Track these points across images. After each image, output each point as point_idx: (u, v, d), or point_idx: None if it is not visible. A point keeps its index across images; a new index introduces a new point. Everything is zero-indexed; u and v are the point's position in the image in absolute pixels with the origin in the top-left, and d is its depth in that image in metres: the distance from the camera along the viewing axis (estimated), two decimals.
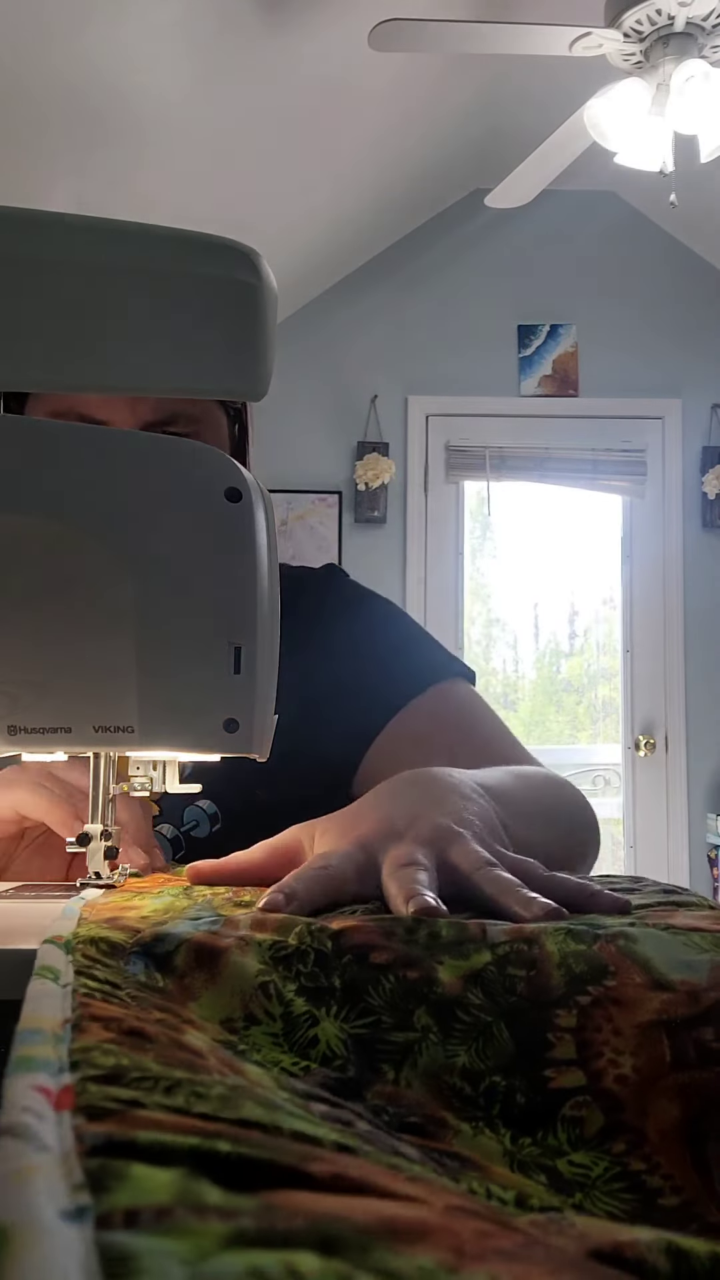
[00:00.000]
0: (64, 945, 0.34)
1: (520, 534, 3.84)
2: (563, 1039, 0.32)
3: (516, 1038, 0.32)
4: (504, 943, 0.36)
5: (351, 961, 0.35)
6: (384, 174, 3.17)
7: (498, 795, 0.57)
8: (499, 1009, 0.33)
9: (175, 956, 0.35)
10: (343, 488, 3.56)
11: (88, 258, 0.46)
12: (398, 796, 0.53)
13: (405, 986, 0.34)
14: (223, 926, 0.38)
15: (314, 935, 0.36)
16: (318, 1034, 0.32)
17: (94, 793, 0.53)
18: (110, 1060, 0.23)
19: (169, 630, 0.48)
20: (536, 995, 0.33)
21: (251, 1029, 0.32)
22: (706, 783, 3.53)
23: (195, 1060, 0.26)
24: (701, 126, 2.12)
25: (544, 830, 0.63)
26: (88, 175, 2.42)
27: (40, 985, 0.29)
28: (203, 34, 2.25)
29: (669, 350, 3.62)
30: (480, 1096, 0.31)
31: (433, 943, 0.36)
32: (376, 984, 0.34)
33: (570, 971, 0.34)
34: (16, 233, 0.45)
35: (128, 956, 0.35)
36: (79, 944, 0.35)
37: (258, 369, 0.47)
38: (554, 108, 2.46)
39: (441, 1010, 0.33)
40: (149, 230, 0.48)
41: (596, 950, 0.35)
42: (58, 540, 0.47)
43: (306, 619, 0.89)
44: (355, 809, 0.54)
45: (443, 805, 0.51)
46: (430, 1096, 0.31)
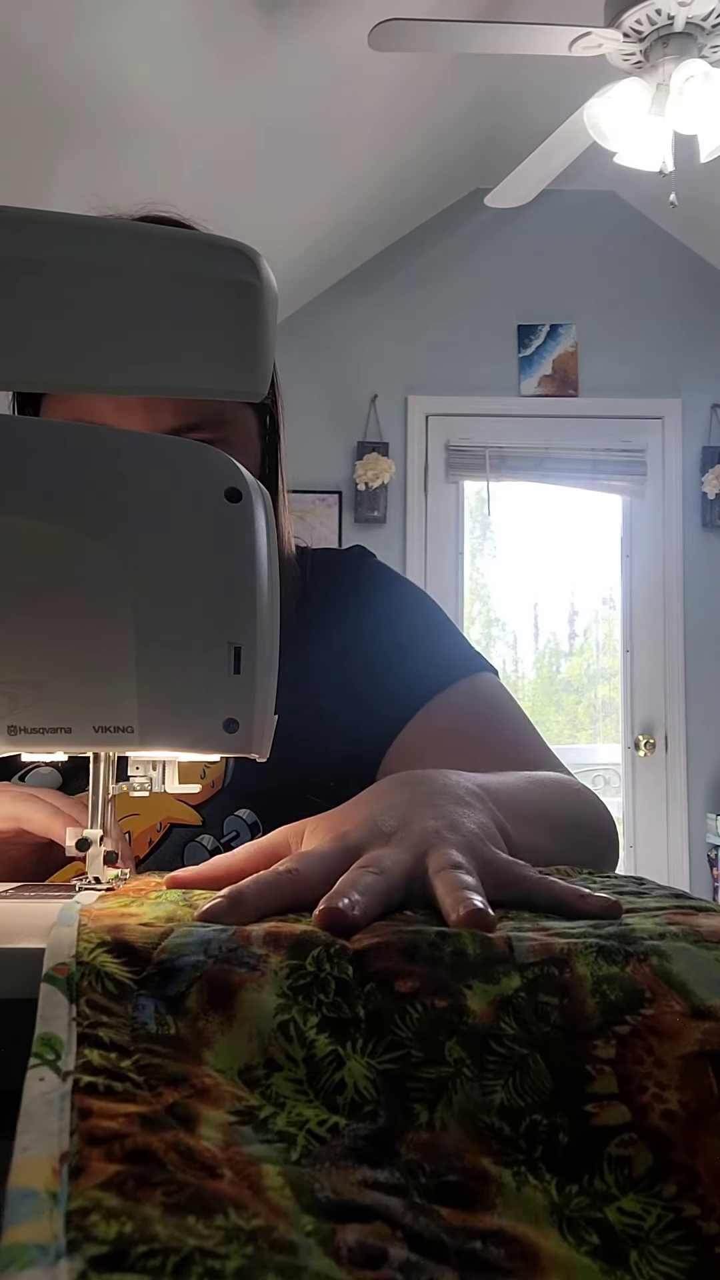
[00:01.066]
0: (66, 982, 0.32)
1: (520, 534, 3.84)
2: (603, 1072, 0.31)
3: (554, 1070, 0.31)
4: (533, 964, 0.34)
5: (375, 990, 0.33)
6: (384, 174, 3.17)
7: (500, 798, 0.55)
8: (534, 1039, 0.32)
9: (187, 998, 0.33)
10: (342, 487, 3.56)
11: (88, 258, 0.46)
12: (387, 797, 0.51)
13: (434, 1016, 0.32)
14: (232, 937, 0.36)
15: (333, 960, 0.34)
16: (344, 1077, 0.31)
17: (94, 794, 0.53)
18: (113, 1229, 0.21)
19: (169, 630, 0.48)
20: (572, 1024, 0.32)
21: (273, 1076, 0.31)
22: (706, 783, 3.53)
23: (208, 1188, 0.24)
24: (701, 126, 2.12)
25: (550, 836, 0.60)
26: (88, 175, 2.42)
27: (39, 1081, 0.27)
28: (203, 34, 2.25)
29: (669, 350, 3.63)
30: (521, 1138, 0.29)
31: (459, 962, 0.34)
32: (404, 1014, 0.32)
33: (605, 999, 0.33)
34: (16, 233, 0.45)
35: (135, 1000, 0.32)
36: (84, 980, 0.33)
37: (257, 369, 0.47)
38: (554, 108, 2.46)
39: (474, 1042, 0.32)
40: (149, 230, 0.48)
41: (630, 974, 0.33)
42: (58, 540, 0.47)
43: (337, 599, 0.89)
44: (344, 808, 0.52)
45: (433, 808, 0.49)
46: (468, 1140, 0.29)
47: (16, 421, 0.51)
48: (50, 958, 0.34)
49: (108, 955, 0.34)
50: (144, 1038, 0.31)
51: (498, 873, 0.45)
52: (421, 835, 0.46)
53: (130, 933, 0.37)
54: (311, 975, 0.34)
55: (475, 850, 0.45)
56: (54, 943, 0.35)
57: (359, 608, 0.88)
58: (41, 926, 0.38)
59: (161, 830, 0.80)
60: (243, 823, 0.80)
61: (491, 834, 0.50)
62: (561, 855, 0.61)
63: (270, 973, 0.34)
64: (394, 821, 0.47)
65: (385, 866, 0.42)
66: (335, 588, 0.89)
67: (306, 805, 0.66)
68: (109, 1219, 0.22)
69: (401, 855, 0.44)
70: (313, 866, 0.44)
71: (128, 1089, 0.28)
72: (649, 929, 0.37)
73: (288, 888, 0.42)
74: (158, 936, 0.36)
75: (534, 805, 0.62)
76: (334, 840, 0.47)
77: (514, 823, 0.54)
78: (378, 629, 0.87)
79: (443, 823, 0.47)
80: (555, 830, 0.62)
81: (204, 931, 0.37)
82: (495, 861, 0.45)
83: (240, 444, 0.81)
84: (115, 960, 0.34)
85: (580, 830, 0.69)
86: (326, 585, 0.89)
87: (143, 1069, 0.29)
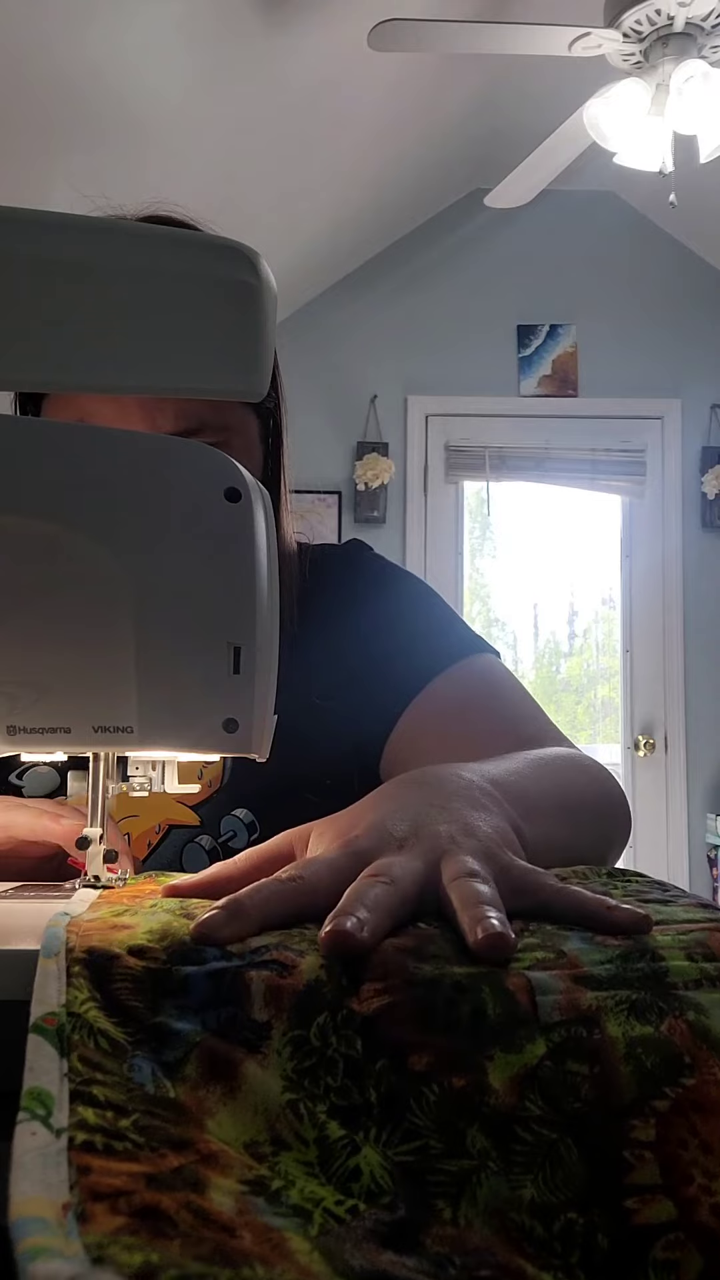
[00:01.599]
0: (56, 1034, 0.30)
1: (520, 534, 3.84)
2: (642, 1159, 0.27)
3: (588, 1158, 0.28)
4: (559, 1024, 0.31)
5: (388, 1068, 0.30)
6: (384, 174, 3.17)
7: (512, 791, 0.53)
8: (564, 1121, 0.28)
9: (185, 1065, 0.30)
10: (342, 488, 3.56)
11: (87, 258, 0.46)
12: (399, 799, 0.49)
13: (453, 1098, 0.29)
14: (231, 985, 0.33)
15: (340, 1032, 0.31)
16: (359, 1164, 0.28)
17: (93, 793, 0.53)
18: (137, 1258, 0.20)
19: (168, 630, 0.48)
20: (605, 1099, 0.29)
21: (281, 1155, 0.28)
22: (706, 783, 3.53)
23: (230, 1245, 0.22)
24: (701, 126, 2.12)
25: (565, 824, 0.58)
26: (88, 175, 2.42)
27: (30, 1135, 0.25)
28: (203, 34, 2.25)
29: (668, 350, 3.63)
30: (556, 1240, 0.26)
31: (478, 1026, 0.31)
32: (419, 1097, 0.29)
33: (640, 1066, 0.29)
34: (17, 233, 0.45)
35: (131, 1060, 0.30)
36: (75, 1033, 0.30)
37: (257, 369, 0.47)
38: (553, 108, 2.46)
39: (497, 1128, 0.28)
40: (149, 230, 0.48)
41: (665, 1034, 0.30)
42: (58, 540, 0.47)
43: (336, 597, 0.88)
44: (352, 811, 0.49)
45: (447, 811, 0.47)
46: (498, 1239, 0.26)
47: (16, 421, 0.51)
48: (38, 1005, 0.31)
49: (99, 1011, 0.31)
50: (142, 1098, 0.28)
51: (515, 880, 0.42)
52: (434, 841, 0.43)
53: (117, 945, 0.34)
54: (318, 1053, 0.31)
55: (491, 856, 0.43)
56: (41, 985, 0.32)
57: (355, 605, 0.88)
58: (40, 927, 0.38)
59: (160, 832, 0.80)
60: (240, 823, 0.80)
61: (508, 837, 0.47)
62: (579, 841, 0.59)
63: (273, 1053, 0.31)
64: (405, 826, 0.45)
65: (396, 876, 0.40)
66: (331, 585, 0.88)
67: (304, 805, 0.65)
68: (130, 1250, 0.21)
69: (413, 863, 0.41)
70: (318, 874, 0.41)
71: (128, 1148, 0.26)
72: (683, 970, 0.33)
73: (291, 897, 0.40)
74: (151, 987, 0.33)
75: (547, 794, 0.59)
76: (342, 846, 0.44)
77: (529, 817, 0.52)
78: (374, 625, 0.86)
79: (456, 827, 0.45)
80: (570, 816, 0.60)
81: (200, 981, 0.33)
82: (513, 869, 0.43)
83: (242, 447, 0.80)
84: (108, 1018, 0.31)
85: (595, 812, 0.66)
86: (323, 583, 0.88)
87: (142, 1129, 0.27)
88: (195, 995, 0.33)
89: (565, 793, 0.62)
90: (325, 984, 0.33)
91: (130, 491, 0.48)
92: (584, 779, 0.68)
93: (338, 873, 0.41)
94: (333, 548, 0.95)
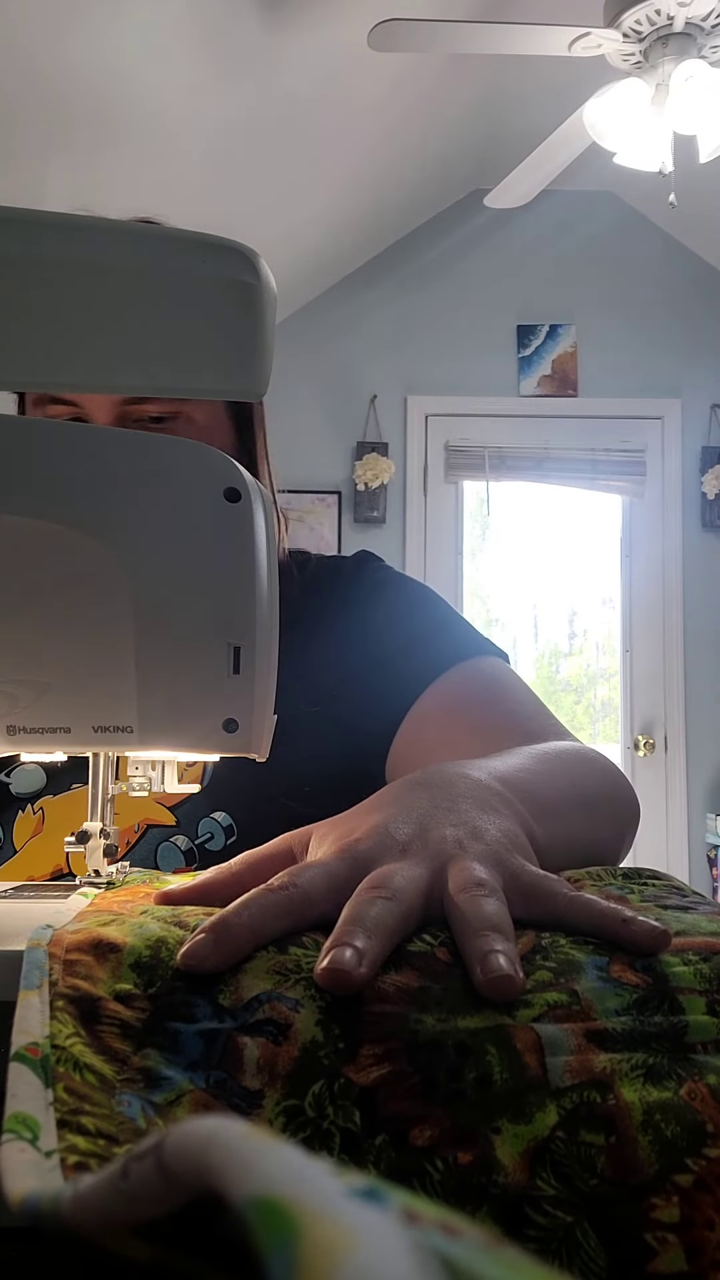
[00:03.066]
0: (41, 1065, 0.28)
1: (519, 534, 3.84)
2: (666, 1242, 0.25)
3: (607, 1242, 0.25)
4: (570, 1089, 0.28)
5: (387, 1144, 0.28)
6: (383, 174, 3.18)
7: (522, 789, 0.51)
8: (579, 1201, 0.26)
9: (176, 1108, 0.29)
10: (342, 488, 3.56)
11: (86, 258, 0.46)
12: (403, 800, 0.46)
13: (459, 1177, 0.27)
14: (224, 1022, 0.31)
15: (337, 1103, 0.29)
16: None
17: (93, 792, 0.53)
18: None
19: (168, 630, 0.48)
20: (623, 1175, 0.26)
21: None
22: (706, 783, 3.53)
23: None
24: (700, 126, 2.12)
25: (577, 821, 0.56)
26: (86, 175, 2.42)
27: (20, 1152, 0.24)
28: (202, 33, 2.25)
29: (668, 350, 3.63)
30: None
31: (484, 1095, 0.28)
32: (423, 1175, 0.27)
33: (659, 1135, 0.27)
34: (15, 232, 0.45)
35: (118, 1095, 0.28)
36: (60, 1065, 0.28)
37: (256, 369, 0.47)
38: (553, 108, 2.46)
39: (508, 1210, 0.26)
40: (148, 230, 0.48)
41: (684, 1099, 0.28)
42: (57, 540, 0.47)
43: (339, 604, 0.88)
44: (355, 812, 0.47)
45: (453, 813, 0.44)
46: None
47: (16, 421, 0.51)
48: (20, 1034, 0.29)
49: (85, 1047, 0.30)
50: (134, 1131, 0.27)
51: (526, 888, 0.40)
52: (440, 846, 0.41)
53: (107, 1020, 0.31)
54: (313, 1124, 0.28)
55: (501, 862, 0.41)
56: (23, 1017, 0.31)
57: (353, 610, 0.88)
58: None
59: (139, 831, 0.80)
60: (217, 825, 0.80)
61: (518, 841, 0.45)
62: (591, 838, 0.57)
63: (265, 1122, 0.29)
64: (409, 829, 0.42)
65: (397, 888, 0.37)
66: (330, 594, 0.88)
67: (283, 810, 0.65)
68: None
69: (417, 870, 0.39)
70: (314, 882, 0.38)
71: None
72: (703, 1027, 0.31)
73: (285, 907, 0.37)
74: (138, 1035, 0.31)
75: (558, 790, 0.57)
76: (341, 851, 0.41)
77: (541, 816, 0.50)
78: (374, 628, 0.86)
79: (463, 830, 0.43)
80: (582, 812, 0.58)
81: (190, 1041, 0.31)
82: (523, 875, 0.40)
83: (206, 424, 0.81)
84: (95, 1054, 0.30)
85: (606, 806, 0.64)
86: (322, 592, 0.89)
87: None
88: (185, 1055, 0.31)
89: (576, 788, 0.60)
90: (322, 1046, 0.31)
91: (130, 491, 0.48)
92: (593, 773, 0.66)
93: (334, 880, 0.39)
94: (341, 558, 0.95)
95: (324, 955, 0.33)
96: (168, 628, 0.48)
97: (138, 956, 0.35)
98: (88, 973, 0.33)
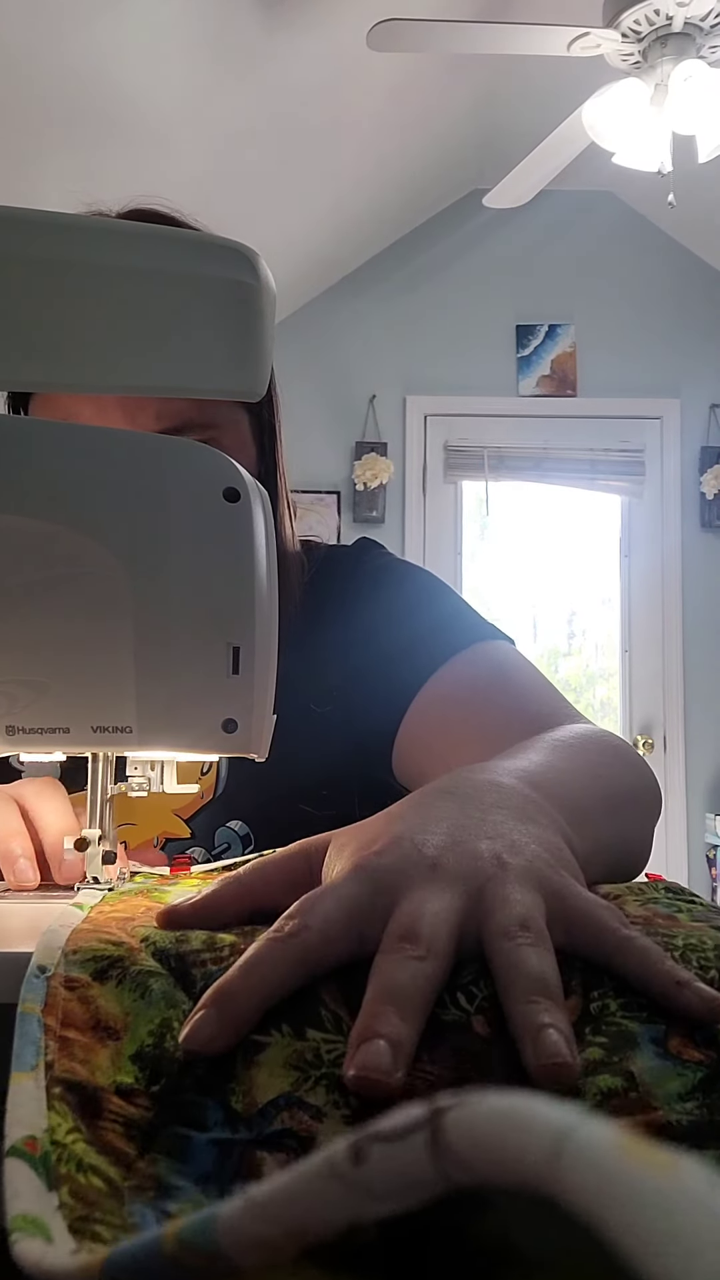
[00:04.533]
0: (42, 1163, 0.25)
1: (519, 534, 3.84)
2: None
3: None
4: None
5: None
6: (383, 174, 3.18)
7: (555, 792, 0.46)
8: None
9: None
10: (341, 488, 3.56)
11: (86, 258, 0.46)
12: (428, 809, 0.41)
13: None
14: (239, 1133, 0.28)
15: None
16: None
17: (92, 794, 0.53)
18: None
19: (167, 630, 0.48)
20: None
21: None
22: (706, 783, 3.53)
23: None
24: (699, 126, 2.12)
25: (611, 823, 0.52)
26: (86, 175, 2.42)
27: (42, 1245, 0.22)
28: (202, 34, 2.25)
29: (667, 350, 3.63)
30: None
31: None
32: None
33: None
34: (15, 233, 0.45)
35: (129, 1205, 0.25)
36: (60, 1164, 0.25)
37: (256, 369, 0.47)
38: (552, 108, 2.46)
39: None
40: (148, 230, 0.48)
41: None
42: (57, 540, 0.47)
43: (341, 595, 0.85)
44: (378, 820, 0.42)
45: (486, 824, 0.40)
46: None
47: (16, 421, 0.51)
48: (15, 1125, 0.27)
49: (87, 1146, 0.27)
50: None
51: (572, 916, 0.35)
52: (473, 863, 0.36)
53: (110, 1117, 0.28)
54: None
55: (544, 881, 0.36)
56: (18, 1103, 0.28)
57: (355, 605, 0.85)
58: (39, 929, 0.38)
59: (158, 845, 0.79)
60: (234, 834, 0.79)
61: (561, 855, 0.40)
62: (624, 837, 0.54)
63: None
64: (438, 840, 0.38)
65: (430, 937, 0.32)
66: (333, 587, 0.87)
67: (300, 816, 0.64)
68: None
69: (449, 901, 0.34)
70: (330, 920, 0.33)
71: None
72: None
73: (298, 958, 0.32)
74: (142, 1136, 0.28)
75: (589, 790, 0.53)
76: (358, 869, 0.36)
77: (577, 823, 0.46)
78: (375, 623, 0.84)
79: (500, 844, 0.38)
80: (615, 813, 0.54)
81: (201, 1150, 0.28)
82: (570, 900, 0.36)
83: (233, 446, 0.78)
84: (98, 1154, 0.27)
85: (636, 803, 0.60)
86: (326, 584, 0.87)
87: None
88: (196, 1165, 0.27)
89: (606, 786, 0.56)
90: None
91: (130, 491, 0.48)
92: (618, 764, 0.61)
93: (353, 913, 0.34)
94: (341, 548, 0.92)
95: (352, 1049, 0.29)
96: (167, 628, 0.48)
97: (139, 1046, 0.31)
98: (85, 1056, 0.30)
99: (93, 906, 0.44)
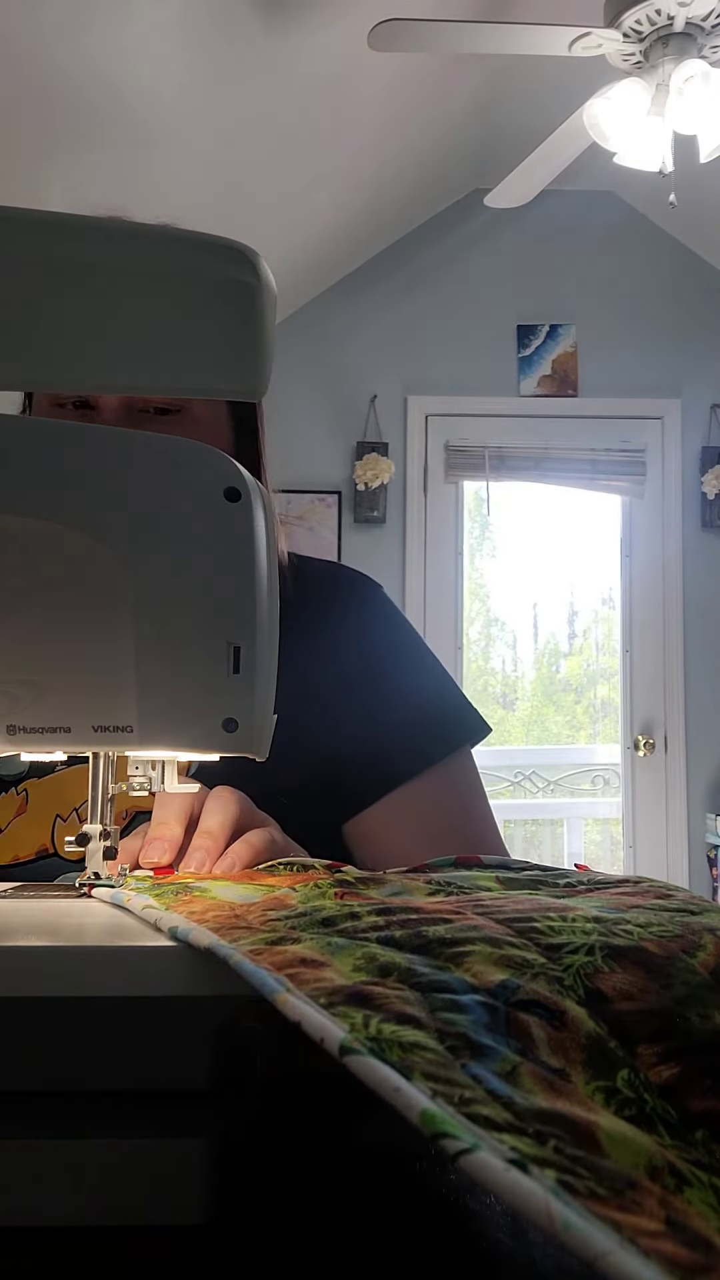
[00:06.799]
0: (375, 1055, 0.25)
1: (519, 534, 3.84)
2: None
3: None
4: None
5: (709, 1138, 0.27)
6: (384, 174, 3.18)
7: None
8: None
9: (519, 1079, 0.26)
10: (342, 488, 3.56)
11: (86, 258, 0.46)
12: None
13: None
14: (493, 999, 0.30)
15: (644, 1089, 0.28)
16: None
17: (93, 792, 0.53)
18: None
19: (168, 630, 0.48)
20: None
21: (685, 1191, 0.24)
22: (706, 783, 3.53)
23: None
24: (701, 126, 2.12)
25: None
26: (86, 175, 2.42)
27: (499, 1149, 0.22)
28: (202, 34, 2.25)
29: (668, 350, 3.63)
30: None
31: None
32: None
33: None
34: (16, 233, 0.45)
35: (466, 1070, 0.25)
36: (391, 1052, 0.26)
37: (257, 369, 0.47)
38: (553, 108, 2.46)
39: None
40: (148, 230, 0.48)
41: None
42: (57, 540, 0.47)
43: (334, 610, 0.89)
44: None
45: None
46: None
47: (17, 421, 0.51)
48: (320, 1030, 0.27)
49: (395, 1026, 0.27)
50: (531, 1113, 0.24)
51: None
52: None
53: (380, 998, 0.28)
54: (636, 1105, 0.27)
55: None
56: (305, 1015, 0.27)
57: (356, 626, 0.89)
58: (40, 926, 0.38)
59: (127, 818, 0.80)
60: None
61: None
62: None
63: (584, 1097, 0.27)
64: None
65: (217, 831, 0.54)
66: (334, 599, 0.89)
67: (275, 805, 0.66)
68: None
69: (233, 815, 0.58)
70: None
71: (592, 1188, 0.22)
72: None
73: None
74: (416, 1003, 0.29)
75: None
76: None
77: None
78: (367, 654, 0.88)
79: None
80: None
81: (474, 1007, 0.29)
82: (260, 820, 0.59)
83: (206, 420, 0.82)
84: (413, 1030, 0.27)
85: None
86: (326, 595, 0.89)
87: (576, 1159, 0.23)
88: (479, 1018, 0.28)
89: None
90: (606, 1040, 0.29)
91: (130, 491, 0.48)
92: None
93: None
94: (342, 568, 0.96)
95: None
96: (168, 627, 0.48)
97: (354, 964, 0.32)
98: (315, 976, 0.30)
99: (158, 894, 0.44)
